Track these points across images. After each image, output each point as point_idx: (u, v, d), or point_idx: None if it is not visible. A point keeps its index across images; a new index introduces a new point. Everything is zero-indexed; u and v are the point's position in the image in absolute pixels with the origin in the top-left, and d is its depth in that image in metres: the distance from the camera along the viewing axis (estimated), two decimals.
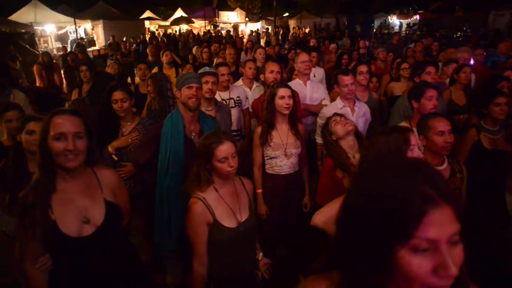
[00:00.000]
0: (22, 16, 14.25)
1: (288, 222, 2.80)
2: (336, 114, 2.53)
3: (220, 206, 1.84)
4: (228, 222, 1.84)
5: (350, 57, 6.40)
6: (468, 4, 23.12)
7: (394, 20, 28.55)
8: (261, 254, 2.11)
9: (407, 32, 22.90)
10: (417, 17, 26.01)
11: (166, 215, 2.35)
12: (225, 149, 1.78)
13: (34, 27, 13.53)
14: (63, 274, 1.66)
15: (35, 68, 7.15)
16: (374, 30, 23.73)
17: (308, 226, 2.00)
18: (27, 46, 12.08)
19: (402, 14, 27.70)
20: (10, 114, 2.59)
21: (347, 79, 3.02)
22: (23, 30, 12.24)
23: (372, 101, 3.84)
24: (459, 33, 18.97)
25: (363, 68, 3.82)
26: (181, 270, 2.60)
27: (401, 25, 27.13)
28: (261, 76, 3.43)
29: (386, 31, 25.12)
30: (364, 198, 0.69)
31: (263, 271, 2.04)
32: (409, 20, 26.58)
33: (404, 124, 2.78)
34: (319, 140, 3.18)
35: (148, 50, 6.59)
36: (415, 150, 1.79)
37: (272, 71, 3.31)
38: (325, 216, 1.71)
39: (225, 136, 1.86)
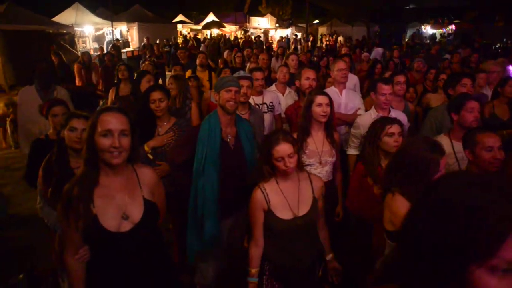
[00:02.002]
0: (64, 17, 15.04)
1: None
2: (398, 122, 2.43)
3: (277, 197, 1.97)
4: (283, 213, 1.94)
5: (383, 66, 6.29)
6: (509, 13, 22.10)
7: (428, 30, 27.78)
8: (331, 255, 2.16)
9: (441, 42, 22.23)
10: (453, 27, 25.19)
11: (199, 216, 2.37)
12: (281, 149, 1.88)
13: (75, 28, 14.18)
14: (100, 267, 1.70)
15: (75, 66, 7.48)
16: (406, 40, 23.16)
17: (340, 236, 1.97)
18: (67, 46, 12.70)
19: (436, 24, 26.92)
20: (57, 109, 2.71)
21: (386, 89, 2.96)
22: (64, 31, 12.85)
23: (407, 112, 3.73)
24: (498, 44, 18.18)
25: (400, 78, 3.73)
26: (209, 271, 2.62)
27: (433, 36, 26.34)
28: (297, 83, 3.42)
29: (418, 41, 24.47)
30: (438, 213, 0.66)
31: (331, 274, 2.11)
32: (444, 30, 25.78)
33: (443, 136, 2.69)
34: (351, 151, 3.12)
35: (178, 54, 6.73)
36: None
37: (308, 77, 3.29)
38: None
39: (284, 136, 1.93)
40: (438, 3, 22.45)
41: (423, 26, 27.89)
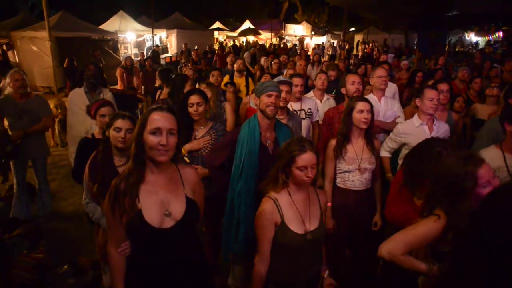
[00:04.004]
0: (109, 25, 15.95)
1: (356, 240, 2.69)
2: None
3: (290, 210, 1.87)
4: (295, 227, 1.85)
5: (424, 74, 6.07)
6: None
7: (472, 37, 26.50)
8: (327, 272, 2.05)
9: (487, 50, 21.07)
10: (500, 34, 23.81)
11: (235, 218, 2.39)
12: (306, 158, 1.81)
13: (118, 35, 14.96)
14: (140, 262, 1.74)
15: (118, 71, 7.87)
16: (447, 48, 22.20)
17: (376, 246, 1.90)
18: (111, 51, 13.41)
19: (481, 31, 25.61)
20: (104, 110, 2.84)
21: (433, 93, 2.86)
22: (109, 37, 13.59)
23: (451, 122, 3.58)
24: None
25: (443, 86, 3.58)
26: (243, 274, 2.63)
27: (477, 43, 25.08)
28: (342, 90, 3.37)
29: (462, 49, 23.39)
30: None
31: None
32: (490, 37, 24.44)
33: (494, 148, 2.54)
34: (385, 154, 3.03)
35: (228, 59, 6.80)
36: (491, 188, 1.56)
37: (353, 82, 3.25)
38: (390, 247, 1.67)
39: (309, 146, 1.87)
40: (485, 9, 21.17)
41: (466, 33, 26.65)
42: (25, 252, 3.09)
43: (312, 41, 26.46)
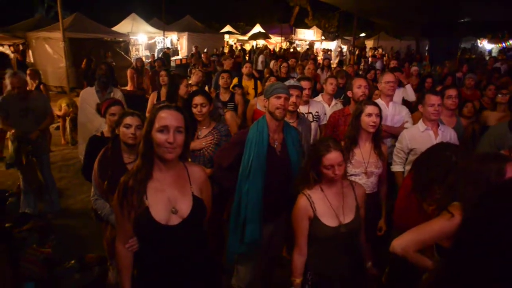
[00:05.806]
0: (122, 27, 16.22)
1: None
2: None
3: (323, 204, 1.97)
4: (329, 220, 1.93)
5: (434, 80, 6.06)
6: None
7: (485, 45, 26.19)
8: (370, 263, 2.16)
9: (500, 57, 20.81)
10: None
11: (241, 219, 2.40)
12: (332, 157, 1.90)
13: (130, 37, 15.18)
14: (147, 258, 1.76)
15: (128, 72, 7.97)
16: (458, 55, 21.97)
17: (382, 251, 1.91)
18: (122, 53, 13.60)
19: (495, 38, 25.30)
20: (114, 109, 2.87)
21: (434, 99, 2.85)
22: (121, 39, 13.79)
23: (460, 128, 3.54)
24: None
25: (452, 92, 3.55)
26: (247, 274, 2.63)
27: (491, 51, 24.77)
28: (349, 93, 3.38)
29: (474, 56, 23.09)
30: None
31: (369, 279, 2.11)
32: (504, 45, 24.12)
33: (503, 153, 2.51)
34: (397, 168, 2.99)
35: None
36: None
37: (360, 85, 3.26)
38: (404, 243, 1.68)
39: (334, 144, 1.95)
40: (498, 16, 20.88)
41: (479, 41, 26.35)
42: (35, 246, 3.14)
43: (322, 46, 26.46)
